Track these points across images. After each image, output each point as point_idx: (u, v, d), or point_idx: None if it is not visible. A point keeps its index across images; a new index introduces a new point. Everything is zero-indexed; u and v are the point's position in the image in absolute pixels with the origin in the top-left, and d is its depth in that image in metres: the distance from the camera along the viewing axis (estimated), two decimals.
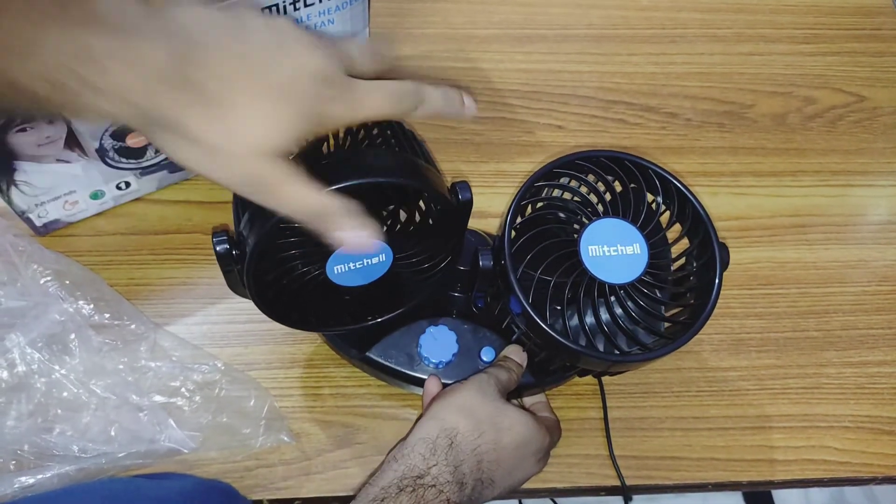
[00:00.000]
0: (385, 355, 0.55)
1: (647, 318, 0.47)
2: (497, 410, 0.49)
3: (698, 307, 0.47)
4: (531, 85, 0.78)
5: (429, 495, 0.43)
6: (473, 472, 0.46)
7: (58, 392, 0.54)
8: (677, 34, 0.84)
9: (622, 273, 0.46)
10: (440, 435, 0.47)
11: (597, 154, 0.49)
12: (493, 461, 0.47)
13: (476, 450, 0.47)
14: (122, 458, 0.53)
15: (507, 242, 0.46)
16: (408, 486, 0.44)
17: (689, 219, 0.49)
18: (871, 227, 0.73)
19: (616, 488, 0.57)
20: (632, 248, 0.47)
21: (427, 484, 0.44)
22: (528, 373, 0.54)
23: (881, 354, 0.65)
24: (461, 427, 0.47)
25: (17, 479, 0.51)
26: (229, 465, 0.55)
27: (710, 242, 0.48)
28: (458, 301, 0.56)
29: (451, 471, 0.45)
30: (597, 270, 0.46)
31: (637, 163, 0.49)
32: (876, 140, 0.78)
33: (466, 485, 0.45)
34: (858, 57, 0.84)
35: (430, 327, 0.55)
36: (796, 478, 0.59)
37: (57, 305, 0.56)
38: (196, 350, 0.58)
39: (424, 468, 0.45)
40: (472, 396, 0.49)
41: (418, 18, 0.81)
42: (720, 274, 0.47)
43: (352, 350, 0.56)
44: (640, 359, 0.46)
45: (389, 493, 0.43)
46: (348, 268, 0.45)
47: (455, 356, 0.54)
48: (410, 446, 0.47)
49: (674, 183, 0.49)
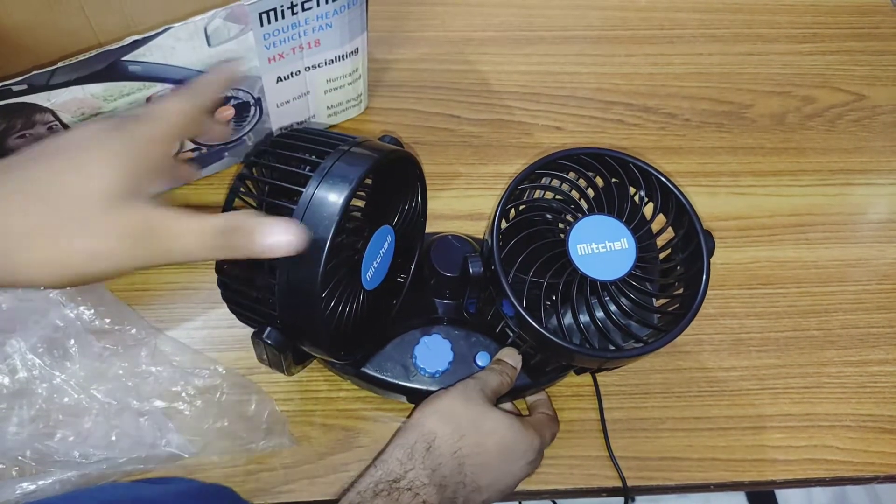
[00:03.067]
0: (380, 369, 0.54)
1: (641, 311, 0.47)
2: (479, 414, 0.49)
3: (689, 297, 0.47)
4: (529, 87, 0.78)
5: (404, 498, 0.44)
6: (454, 475, 0.46)
7: (59, 398, 0.54)
8: (675, 35, 0.84)
9: (612, 269, 0.46)
10: (418, 440, 0.47)
11: (577, 152, 0.50)
12: (477, 465, 0.47)
13: (457, 453, 0.47)
14: (123, 463, 0.53)
15: (495, 248, 0.46)
16: (383, 491, 0.44)
17: (673, 209, 0.50)
18: (870, 226, 0.73)
19: (618, 489, 0.57)
20: (619, 244, 0.47)
21: (403, 487, 0.44)
22: (524, 374, 0.54)
23: (882, 353, 0.65)
24: (439, 431, 0.47)
25: (19, 485, 0.51)
26: (231, 470, 0.55)
27: (696, 232, 0.48)
28: (448, 308, 0.56)
29: (429, 474, 0.45)
30: (587, 268, 0.46)
31: (617, 158, 0.50)
32: (875, 139, 0.78)
33: (446, 487, 0.45)
34: (857, 56, 0.84)
35: (424, 337, 0.55)
36: (798, 477, 0.59)
37: (57, 311, 0.56)
38: (197, 355, 0.58)
39: (401, 472, 0.45)
40: (453, 401, 0.49)
41: (416, 21, 0.81)
42: (707, 261, 0.47)
43: (346, 367, 0.56)
44: (638, 353, 0.46)
45: (365, 498, 0.44)
46: (374, 270, 0.48)
47: (451, 364, 0.54)
48: (389, 452, 0.47)
49: (655, 175, 0.49)
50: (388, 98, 0.75)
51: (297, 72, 0.63)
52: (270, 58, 0.60)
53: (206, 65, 0.57)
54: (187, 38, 0.54)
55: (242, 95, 0.62)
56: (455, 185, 0.70)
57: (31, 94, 0.51)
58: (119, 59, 0.53)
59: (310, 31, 0.60)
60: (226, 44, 0.56)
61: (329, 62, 0.64)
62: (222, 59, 0.57)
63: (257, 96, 0.63)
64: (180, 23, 0.53)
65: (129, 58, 0.53)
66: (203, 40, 0.55)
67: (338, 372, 0.57)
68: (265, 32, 0.57)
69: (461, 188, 0.70)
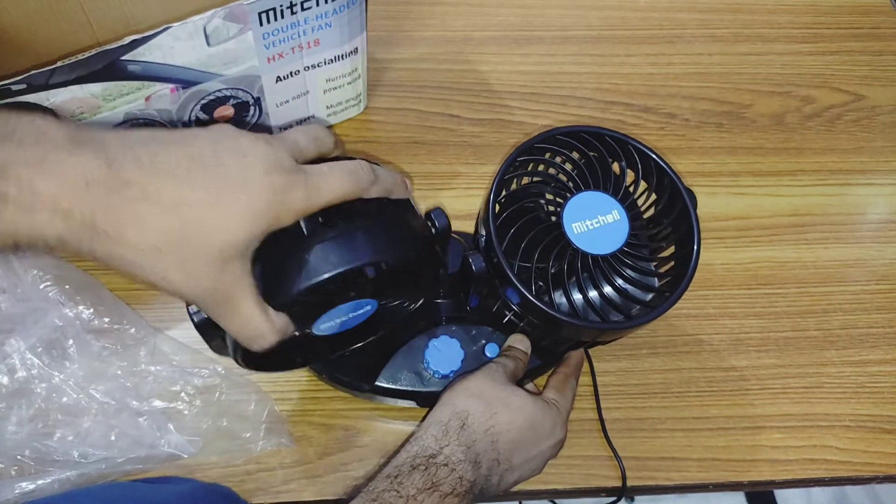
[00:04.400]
0: (394, 380, 0.54)
1: (644, 277, 0.48)
2: (509, 393, 0.50)
3: (684, 255, 0.48)
4: (529, 87, 0.78)
5: (441, 473, 0.44)
6: (488, 451, 0.47)
7: (58, 397, 0.54)
8: (675, 35, 0.84)
9: (609, 242, 0.47)
10: (452, 418, 0.48)
11: (553, 133, 0.50)
12: (509, 441, 0.48)
13: (489, 430, 0.47)
14: (122, 462, 0.53)
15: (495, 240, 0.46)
16: (420, 465, 0.45)
17: (654, 174, 0.50)
18: (870, 226, 0.73)
19: (617, 489, 0.57)
20: (612, 216, 0.48)
21: (440, 463, 0.45)
22: (534, 356, 0.55)
23: (881, 353, 0.65)
24: (472, 409, 0.48)
25: (18, 484, 0.51)
26: (230, 470, 0.55)
27: (679, 192, 0.49)
28: (448, 307, 0.56)
29: (464, 450, 0.46)
30: (586, 245, 0.47)
31: (594, 132, 0.50)
32: (875, 139, 0.78)
33: (481, 464, 0.46)
34: (857, 56, 0.84)
35: (432, 340, 0.55)
36: (798, 477, 0.59)
37: (57, 310, 0.56)
38: (196, 354, 0.58)
39: (437, 448, 0.46)
40: (481, 381, 0.50)
41: (416, 21, 0.81)
42: (695, 216, 0.48)
43: (361, 385, 0.55)
44: (647, 320, 0.46)
45: (402, 471, 0.44)
46: (334, 323, 0.45)
47: (463, 362, 0.54)
48: (423, 429, 0.48)
49: (631, 144, 0.50)
50: (387, 98, 0.75)
51: (297, 71, 0.63)
52: (270, 57, 0.60)
53: (205, 64, 0.57)
54: (186, 37, 0.54)
55: (242, 95, 0.62)
56: (455, 185, 0.70)
57: (30, 93, 0.51)
58: (118, 58, 0.53)
59: (309, 30, 0.60)
60: (225, 43, 0.56)
61: (328, 62, 0.64)
62: (222, 58, 0.57)
63: (256, 96, 0.63)
64: (179, 22, 0.53)
65: (128, 57, 0.53)
66: (202, 40, 0.55)
67: (354, 393, 0.57)
68: (264, 32, 0.57)
69: (461, 188, 0.70)
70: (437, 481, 0.44)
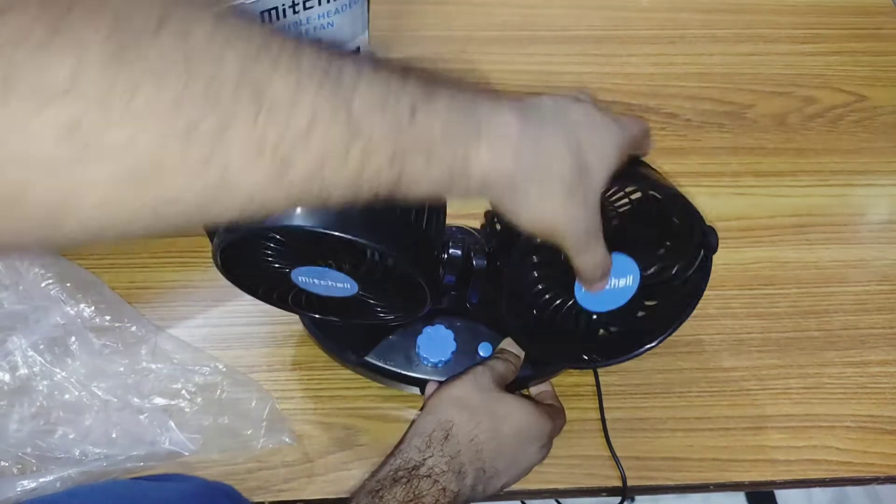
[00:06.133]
0: (384, 358, 0.55)
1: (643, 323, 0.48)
2: (493, 400, 0.49)
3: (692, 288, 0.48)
4: (531, 86, 0.78)
5: (423, 485, 0.44)
6: (472, 461, 0.47)
7: (59, 395, 0.54)
8: (677, 35, 0.84)
9: (612, 300, 0.45)
10: (436, 428, 0.47)
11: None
12: (493, 450, 0.48)
13: (474, 440, 0.47)
14: (123, 460, 0.53)
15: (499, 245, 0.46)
16: (402, 478, 0.44)
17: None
18: (871, 227, 0.73)
19: (617, 489, 0.57)
20: (625, 281, 0.44)
21: (422, 474, 0.45)
22: (527, 365, 0.55)
23: (882, 354, 0.64)
24: (456, 419, 0.48)
25: (20, 482, 0.51)
26: (231, 468, 0.55)
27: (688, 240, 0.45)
28: (451, 299, 0.56)
29: (447, 461, 0.46)
30: (589, 303, 0.45)
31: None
32: (876, 139, 0.78)
33: (466, 474, 0.46)
34: (858, 56, 0.84)
35: (427, 327, 0.55)
36: (798, 478, 0.58)
37: (58, 308, 0.56)
38: (197, 352, 0.58)
39: (420, 460, 0.46)
40: (466, 388, 0.50)
41: (418, 20, 0.81)
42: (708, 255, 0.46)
43: (350, 355, 0.56)
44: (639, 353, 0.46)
45: (384, 485, 0.44)
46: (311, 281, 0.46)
47: (453, 354, 0.54)
48: (407, 441, 0.47)
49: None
50: None
51: None
52: None
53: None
54: None
55: None
56: None
57: None
58: None
59: (311, 30, 0.60)
60: None
61: None
62: None
63: None
64: None
65: None
66: None
67: (341, 361, 0.58)
68: None
69: None
70: (418, 493, 0.44)
